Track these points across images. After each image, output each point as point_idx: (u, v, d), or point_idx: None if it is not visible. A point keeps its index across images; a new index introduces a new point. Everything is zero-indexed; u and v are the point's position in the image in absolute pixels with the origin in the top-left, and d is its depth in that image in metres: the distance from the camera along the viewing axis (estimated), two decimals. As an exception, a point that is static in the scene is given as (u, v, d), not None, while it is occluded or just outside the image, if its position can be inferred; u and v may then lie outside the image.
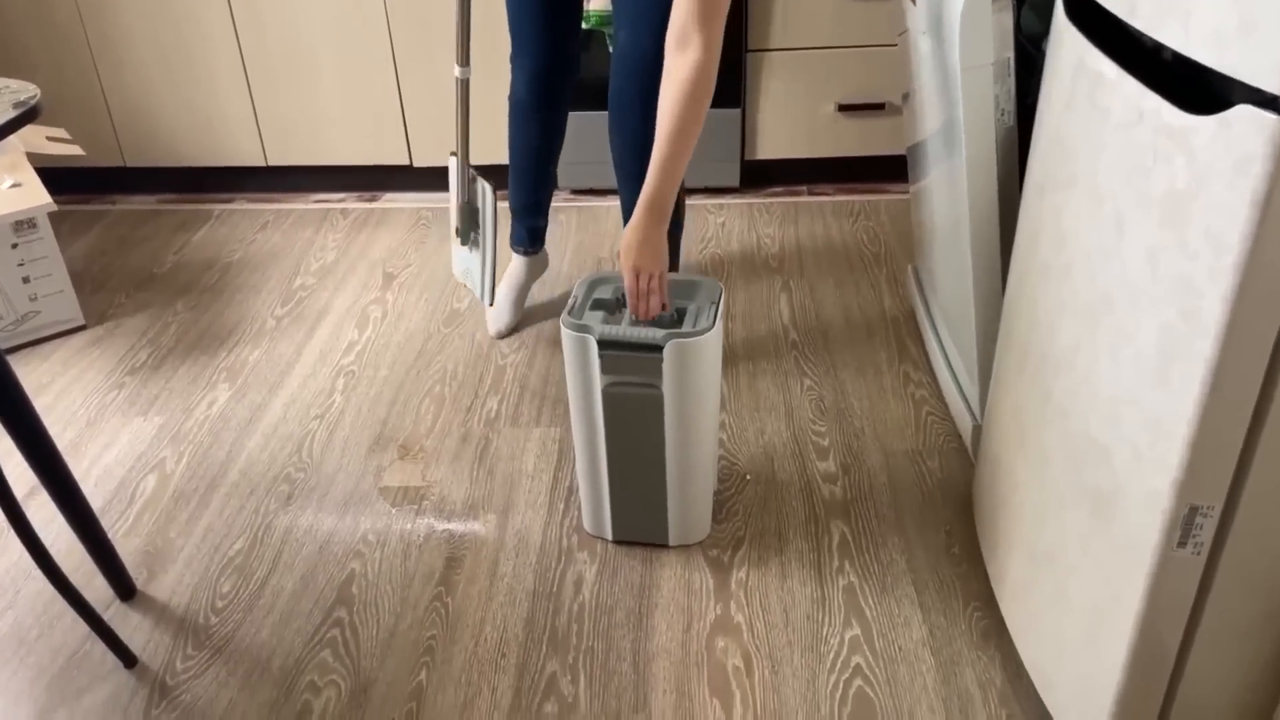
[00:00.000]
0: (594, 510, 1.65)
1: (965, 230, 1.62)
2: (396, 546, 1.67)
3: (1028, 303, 1.33)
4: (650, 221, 1.51)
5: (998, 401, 1.50)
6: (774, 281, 2.38)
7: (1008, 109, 1.51)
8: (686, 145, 1.49)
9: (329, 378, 2.11)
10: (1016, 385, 1.38)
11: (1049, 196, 1.25)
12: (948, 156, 1.70)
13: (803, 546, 1.63)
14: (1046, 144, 1.26)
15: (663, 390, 1.49)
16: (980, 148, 1.53)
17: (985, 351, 1.68)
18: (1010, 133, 1.54)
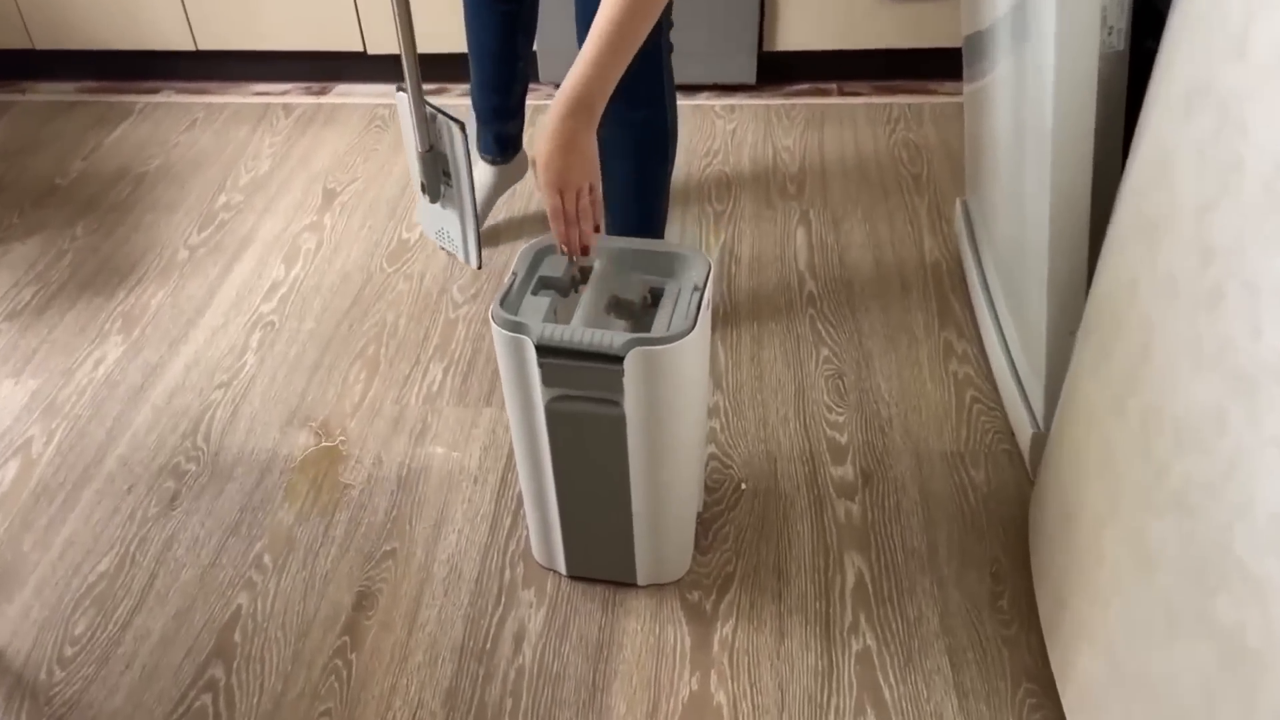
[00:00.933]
0: (542, 540, 1.30)
1: (1042, 172, 1.20)
2: (297, 574, 1.34)
3: (1135, 313, 0.93)
4: (576, 125, 1.12)
5: (1073, 420, 1.12)
6: (791, 210, 1.96)
7: (1118, 27, 1.07)
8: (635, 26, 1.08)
9: (243, 330, 1.74)
10: (1106, 419, 1.00)
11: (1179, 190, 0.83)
12: (1022, 59, 1.26)
13: (807, 589, 1.28)
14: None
15: (624, 408, 1.11)
16: (1075, 78, 1.10)
17: (1058, 339, 1.28)
18: (1120, 59, 1.10)
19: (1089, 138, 1.13)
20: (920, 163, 2.08)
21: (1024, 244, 1.38)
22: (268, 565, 1.35)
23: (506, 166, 1.90)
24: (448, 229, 1.68)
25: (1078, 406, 1.11)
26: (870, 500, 1.39)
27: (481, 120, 1.83)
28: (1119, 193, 1.03)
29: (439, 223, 1.71)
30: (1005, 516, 1.36)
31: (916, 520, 1.36)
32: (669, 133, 1.49)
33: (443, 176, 1.60)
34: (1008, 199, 1.46)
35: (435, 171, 1.60)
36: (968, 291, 1.73)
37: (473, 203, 1.59)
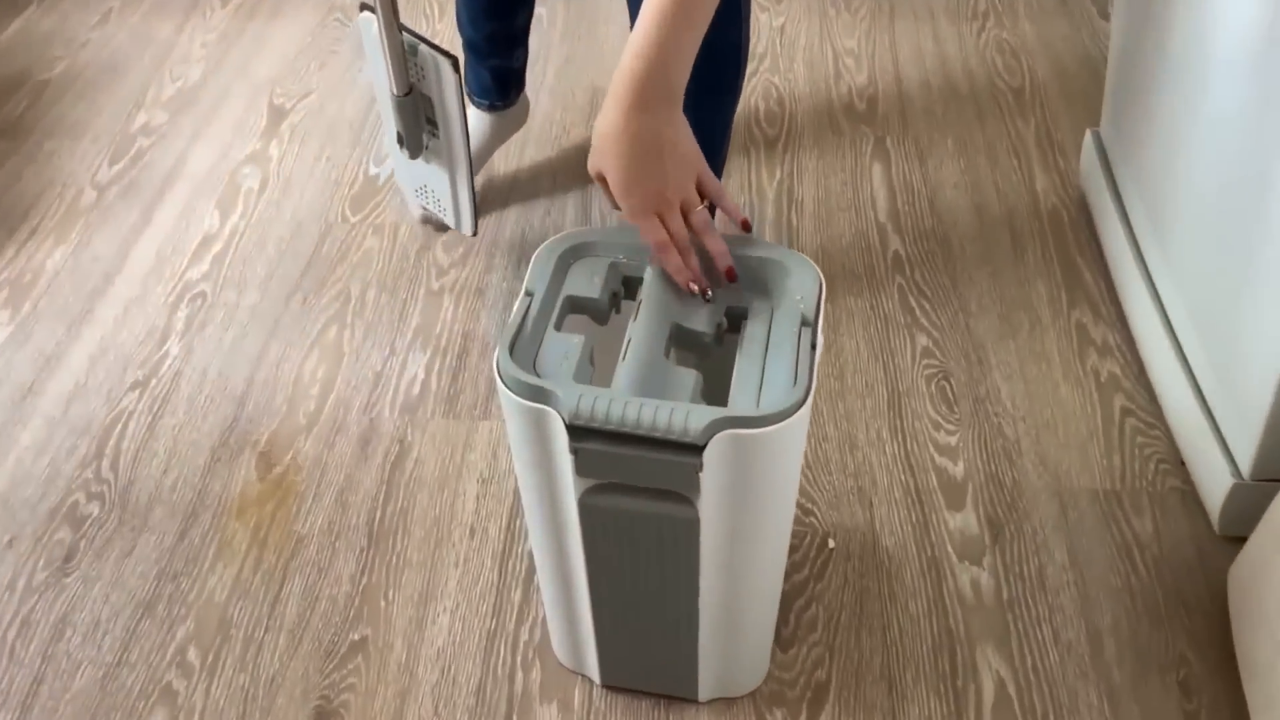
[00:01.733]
0: (568, 639, 0.94)
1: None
2: (234, 677, 0.99)
3: None
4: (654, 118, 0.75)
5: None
6: (862, 138, 1.55)
7: None
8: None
9: (165, 305, 1.35)
10: None
11: None
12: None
13: (933, 709, 0.94)
14: None
15: (699, 509, 0.74)
16: None
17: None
18: None
19: None
20: (1019, 73, 1.65)
21: (1248, 215, 0.99)
22: (193, 664, 1.00)
23: (506, 113, 1.45)
24: (432, 188, 1.26)
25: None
26: (1003, 565, 1.04)
27: (474, 53, 1.38)
28: None
29: (420, 179, 1.29)
30: (1187, 592, 1.01)
31: (1068, 598, 1.01)
32: (742, 57, 1.07)
33: (427, 126, 1.18)
34: (1213, 140, 1.07)
35: (417, 120, 1.18)
36: (1102, 255, 1.34)
37: (467, 158, 1.17)
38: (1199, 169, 1.07)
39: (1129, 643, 0.98)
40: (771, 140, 1.55)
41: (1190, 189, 1.09)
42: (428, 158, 1.22)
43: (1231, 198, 0.99)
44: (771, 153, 1.53)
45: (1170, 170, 1.14)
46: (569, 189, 1.48)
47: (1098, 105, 1.43)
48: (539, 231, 1.42)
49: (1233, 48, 0.99)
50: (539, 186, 1.49)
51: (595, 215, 1.45)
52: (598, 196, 1.47)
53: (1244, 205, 0.96)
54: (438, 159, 1.21)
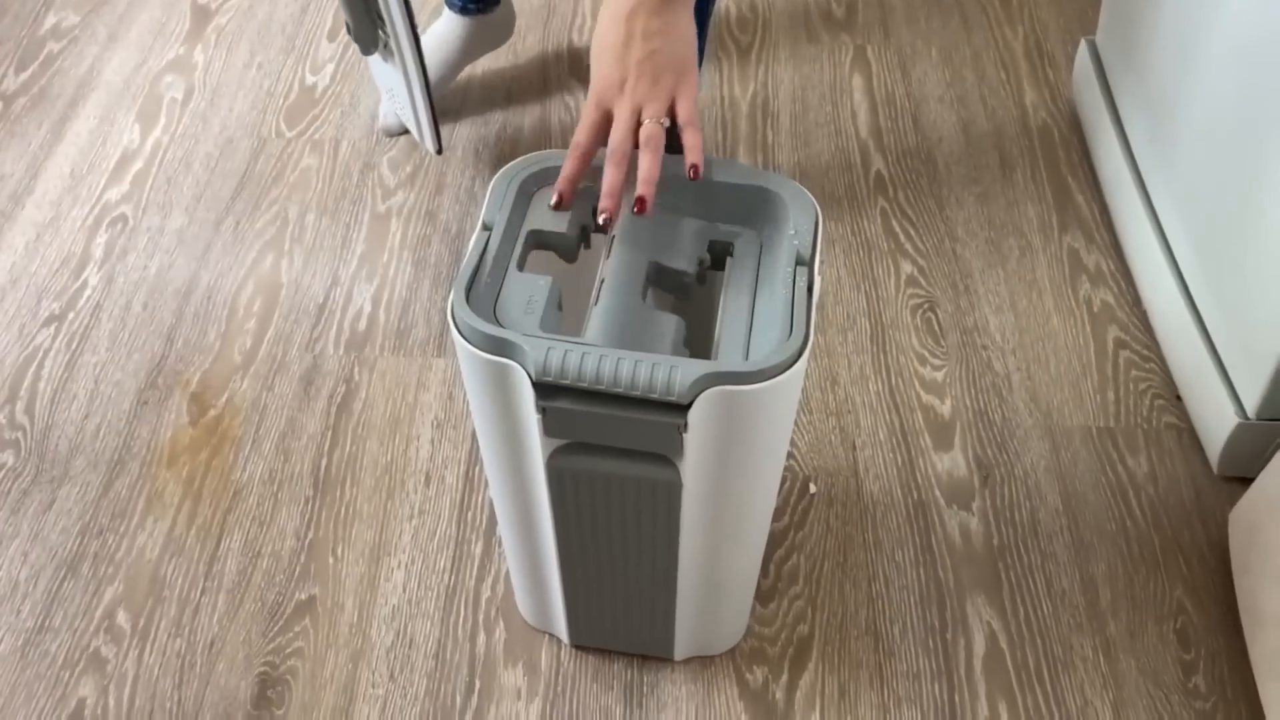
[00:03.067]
0: (534, 600, 0.87)
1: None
2: (168, 643, 0.91)
3: None
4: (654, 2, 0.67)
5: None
6: (841, 46, 1.44)
7: None
8: None
9: (83, 229, 1.23)
10: None
11: None
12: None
13: (920, 663, 0.89)
14: None
15: (682, 472, 0.67)
16: None
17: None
18: None
19: None
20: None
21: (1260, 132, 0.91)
22: (124, 628, 0.91)
23: (484, 19, 1.29)
24: (397, 93, 1.13)
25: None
26: (994, 510, 0.98)
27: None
28: None
29: (387, 81, 1.16)
30: (1184, 536, 0.97)
31: (1061, 544, 0.96)
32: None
33: (376, 20, 1.05)
34: (1222, 47, 0.98)
35: (363, 10, 1.04)
36: (1095, 175, 1.26)
37: (418, 62, 1.04)
38: (1212, 77, 0.98)
39: (1124, 591, 0.93)
40: (744, 48, 1.44)
41: (1200, 101, 1.01)
42: (386, 56, 1.09)
43: (1249, 109, 0.92)
44: (745, 62, 1.42)
45: (1177, 80, 1.06)
46: (527, 102, 1.37)
47: (1092, 12, 1.33)
48: (495, 150, 1.31)
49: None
50: (494, 97, 1.37)
51: (557, 132, 1.34)
52: (558, 110, 1.36)
53: (1264, 118, 0.89)
54: (393, 60, 1.09)
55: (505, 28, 1.34)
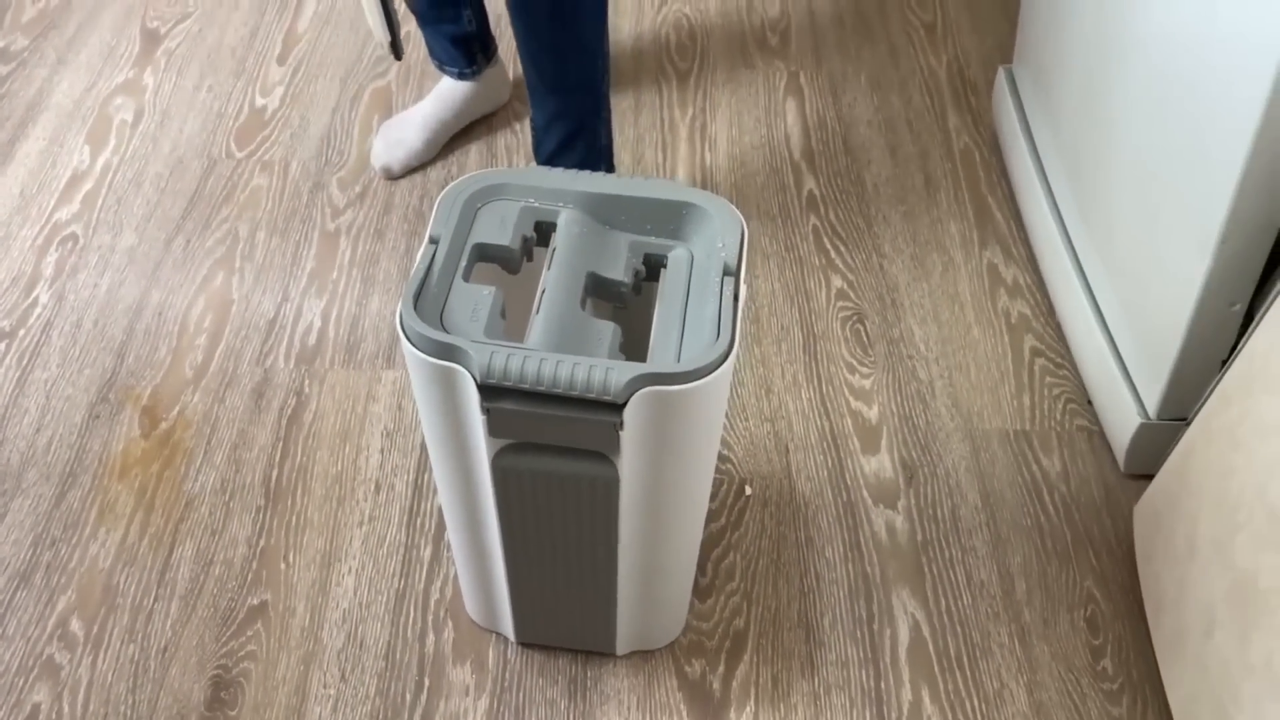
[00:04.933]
0: (481, 599, 0.91)
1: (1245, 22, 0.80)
2: (121, 649, 0.93)
3: None
4: None
5: (1245, 424, 0.77)
6: (776, 72, 1.51)
7: None
8: None
9: (33, 249, 1.24)
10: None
11: None
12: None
13: (848, 653, 0.94)
14: None
15: (619, 468, 0.71)
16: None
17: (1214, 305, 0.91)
18: None
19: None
20: (932, 8, 1.63)
21: (1162, 161, 0.99)
22: (77, 636, 0.93)
23: (475, 82, 1.34)
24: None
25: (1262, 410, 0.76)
26: (917, 508, 1.04)
27: (421, 20, 1.28)
28: None
29: None
30: (1094, 531, 1.03)
31: (980, 539, 1.02)
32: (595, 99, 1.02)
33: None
34: (1127, 83, 1.06)
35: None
36: (1013, 194, 1.34)
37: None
38: (1115, 105, 1.06)
39: (1038, 582, 0.99)
40: (684, 74, 1.50)
41: (1104, 127, 1.09)
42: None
43: (1149, 136, 0.99)
44: (684, 87, 1.48)
45: (1084, 107, 1.13)
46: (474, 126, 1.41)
47: (1011, 41, 1.41)
48: (442, 172, 1.35)
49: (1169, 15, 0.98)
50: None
51: (503, 154, 1.38)
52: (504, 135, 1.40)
53: (1162, 144, 0.96)
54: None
55: (496, 90, 1.39)
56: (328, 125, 1.39)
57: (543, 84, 1.14)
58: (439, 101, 1.34)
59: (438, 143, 1.34)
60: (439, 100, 1.34)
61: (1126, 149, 1.03)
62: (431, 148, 1.33)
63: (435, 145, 1.34)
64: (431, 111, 1.33)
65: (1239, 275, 0.88)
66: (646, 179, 0.76)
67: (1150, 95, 0.97)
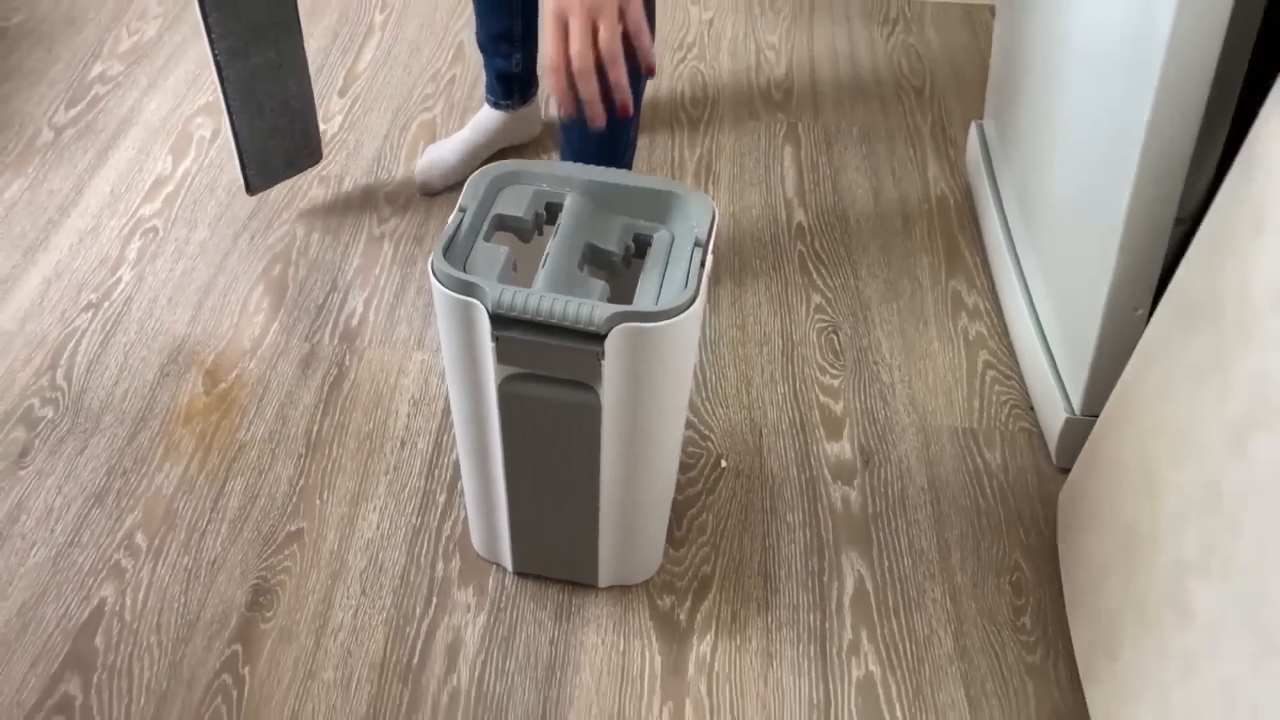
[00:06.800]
0: (485, 532, 1.07)
1: (1134, 93, 0.97)
2: (177, 560, 1.09)
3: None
4: None
5: (1141, 428, 0.92)
6: (777, 123, 1.69)
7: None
8: None
9: (119, 237, 1.44)
10: (1214, 451, 0.80)
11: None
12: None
13: (799, 598, 1.08)
14: None
15: (601, 396, 0.87)
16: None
17: (1119, 315, 1.07)
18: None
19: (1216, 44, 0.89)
20: (923, 74, 1.82)
21: (1080, 192, 1.15)
22: (140, 547, 1.09)
23: (510, 115, 1.54)
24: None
25: (1155, 412, 0.91)
26: (871, 487, 1.19)
27: (481, 51, 1.50)
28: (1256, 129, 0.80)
29: None
30: (1026, 513, 1.17)
31: (924, 514, 1.16)
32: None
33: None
34: (1055, 132, 1.23)
35: None
36: (980, 233, 1.51)
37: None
38: (1052, 148, 1.23)
39: (972, 551, 1.13)
40: (695, 121, 1.70)
41: (1044, 168, 1.25)
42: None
43: (1073, 171, 1.16)
44: (694, 132, 1.67)
45: (1035, 160, 1.30)
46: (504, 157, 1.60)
47: (984, 103, 1.59)
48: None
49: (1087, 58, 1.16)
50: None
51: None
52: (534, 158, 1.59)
53: (1081, 177, 1.13)
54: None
55: (527, 125, 1.59)
56: (379, 148, 1.59)
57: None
58: (476, 129, 1.53)
59: (472, 165, 1.53)
60: (476, 128, 1.53)
61: (1058, 185, 1.20)
62: (466, 169, 1.52)
63: (470, 167, 1.53)
64: (469, 138, 1.53)
65: (1138, 282, 1.03)
66: (643, 177, 0.94)
67: (1073, 138, 1.15)
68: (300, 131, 1.43)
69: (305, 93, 1.40)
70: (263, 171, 1.42)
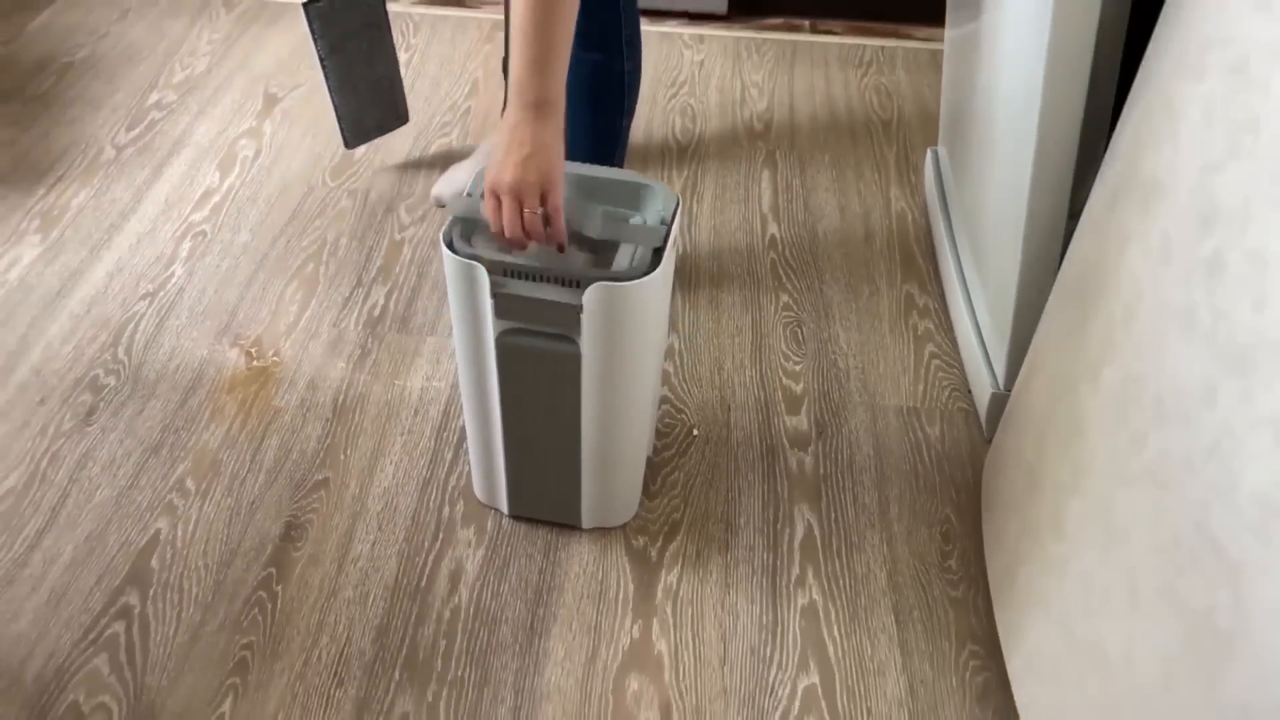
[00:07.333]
0: (485, 477, 1.24)
1: (1029, 120, 1.16)
2: (221, 500, 1.26)
3: (1122, 275, 0.89)
4: (530, 122, 0.97)
5: (1038, 387, 1.09)
6: (757, 150, 1.89)
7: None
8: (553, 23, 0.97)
9: (171, 238, 1.64)
10: (1078, 384, 0.97)
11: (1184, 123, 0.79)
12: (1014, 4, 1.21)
13: (755, 541, 1.25)
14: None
15: (580, 346, 1.05)
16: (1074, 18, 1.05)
17: (1027, 300, 1.25)
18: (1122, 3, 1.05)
19: (1083, 83, 1.08)
20: (891, 109, 2.02)
21: (1000, 199, 1.34)
22: (190, 489, 1.27)
23: None
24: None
25: (1045, 368, 1.08)
26: (823, 452, 1.36)
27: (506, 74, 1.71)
28: (1111, 147, 0.98)
29: None
30: (958, 477, 1.34)
31: (869, 476, 1.33)
32: (625, 83, 1.38)
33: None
34: (986, 152, 1.42)
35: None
36: (933, 245, 1.69)
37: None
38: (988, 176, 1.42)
39: (908, 506, 1.30)
40: (683, 148, 1.89)
41: (982, 190, 1.44)
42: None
43: (996, 180, 1.34)
44: (682, 157, 1.87)
45: (973, 176, 1.49)
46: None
47: (940, 132, 1.79)
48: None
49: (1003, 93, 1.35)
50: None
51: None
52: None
53: (1004, 184, 1.31)
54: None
55: None
56: (401, 167, 1.80)
57: None
58: (484, 153, 1.73)
59: None
60: (485, 152, 1.74)
61: (987, 195, 1.38)
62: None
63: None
64: (480, 159, 1.73)
65: (1042, 272, 1.21)
66: (620, 171, 1.13)
67: (997, 156, 1.33)
68: (388, 103, 1.77)
69: (393, 73, 1.74)
70: (357, 133, 1.76)
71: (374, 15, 1.65)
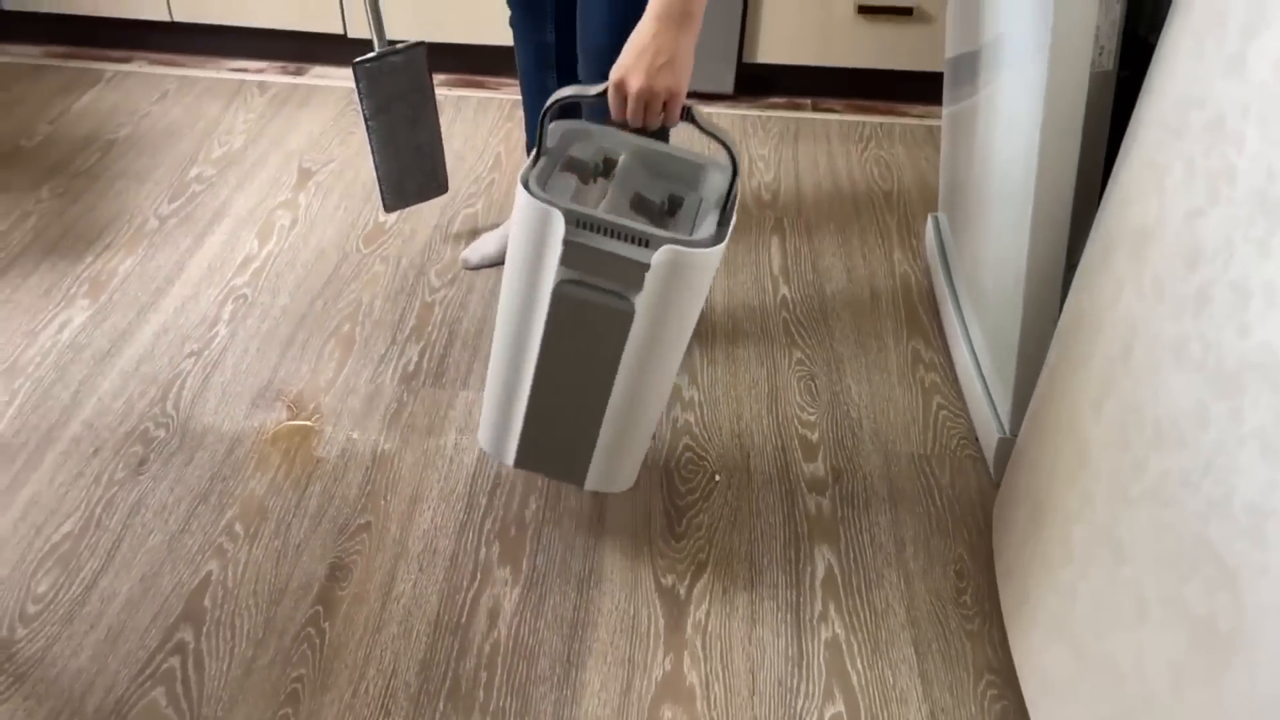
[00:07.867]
0: (496, 427, 1.27)
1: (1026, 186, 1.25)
2: (269, 543, 1.32)
3: (1117, 316, 0.98)
4: (670, 26, 1.06)
5: (1044, 426, 1.16)
6: (765, 218, 2.00)
7: (1108, 47, 1.13)
8: None
9: (215, 302, 1.72)
10: (1082, 419, 1.05)
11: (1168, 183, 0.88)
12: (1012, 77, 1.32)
13: (779, 579, 1.31)
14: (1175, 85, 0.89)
15: (635, 306, 1.11)
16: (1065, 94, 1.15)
17: (1029, 349, 1.33)
18: (1107, 79, 1.16)
19: (1075, 150, 1.18)
20: (891, 180, 2.14)
21: (1000, 258, 1.43)
22: (239, 533, 1.33)
23: None
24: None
25: (1051, 409, 1.16)
26: (840, 496, 1.43)
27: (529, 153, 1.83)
28: (1103, 204, 1.08)
29: None
30: (969, 519, 1.40)
31: (884, 518, 1.40)
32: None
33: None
34: (985, 215, 1.52)
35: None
36: (935, 303, 1.78)
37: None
38: (981, 227, 1.52)
39: (923, 547, 1.36)
40: (695, 216, 2.00)
41: (982, 249, 1.54)
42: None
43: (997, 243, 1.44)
44: (695, 224, 1.97)
45: (974, 237, 1.59)
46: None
47: (939, 200, 1.89)
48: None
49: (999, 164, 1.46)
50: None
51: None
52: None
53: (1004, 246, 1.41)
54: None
55: None
56: (430, 235, 1.89)
57: None
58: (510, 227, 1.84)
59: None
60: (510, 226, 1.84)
61: (989, 252, 1.48)
62: (501, 257, 1.81)
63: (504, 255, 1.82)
64: (506, 230, 1.83)
65: (1043, 321, 1.30)
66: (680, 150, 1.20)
67: (995, 219, 1.43)
68: (429, 169, 1.82)
69: (435, 140, 1.80)
70: (397, 196, 1.82)
71: (419, 82, 1.72)
